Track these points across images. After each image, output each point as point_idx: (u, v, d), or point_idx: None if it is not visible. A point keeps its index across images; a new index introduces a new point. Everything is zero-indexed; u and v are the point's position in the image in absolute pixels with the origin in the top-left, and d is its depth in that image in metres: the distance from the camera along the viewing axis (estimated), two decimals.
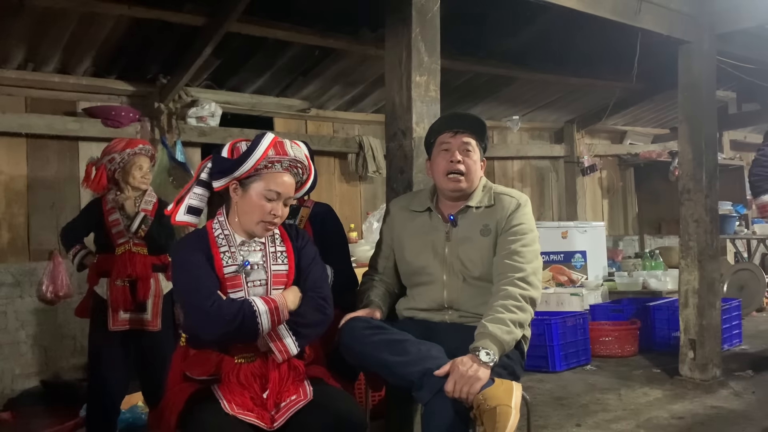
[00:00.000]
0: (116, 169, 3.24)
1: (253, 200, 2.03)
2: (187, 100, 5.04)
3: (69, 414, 3.70)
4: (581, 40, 5.36)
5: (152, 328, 3.22)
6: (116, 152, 3.23)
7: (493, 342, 2.01)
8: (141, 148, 3.28)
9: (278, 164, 2.04)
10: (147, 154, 3.31)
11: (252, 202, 2.03)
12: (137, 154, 3.26)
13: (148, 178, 3.33)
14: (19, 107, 4.58)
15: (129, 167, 3.24)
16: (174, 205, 2.09)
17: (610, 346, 4.99)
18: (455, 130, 2.34)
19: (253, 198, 2.03)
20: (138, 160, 3.26)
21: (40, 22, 4.02)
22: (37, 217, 4.62)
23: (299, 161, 2.09)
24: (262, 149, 2.00)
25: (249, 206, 2.04)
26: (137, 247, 3.23)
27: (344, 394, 2.04)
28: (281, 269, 2.10)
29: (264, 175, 2.03)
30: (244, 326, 1.92)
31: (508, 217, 2.27)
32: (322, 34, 4.73)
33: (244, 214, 2.05)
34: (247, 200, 2.04)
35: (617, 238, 8.35)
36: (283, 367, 2.00)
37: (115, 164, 3.23)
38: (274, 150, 2.02)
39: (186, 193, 2.09)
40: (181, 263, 2.05)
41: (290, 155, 2.05)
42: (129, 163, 3.24)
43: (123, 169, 3.24)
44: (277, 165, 2.04)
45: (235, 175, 2.02)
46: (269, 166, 2.03)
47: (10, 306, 4.43)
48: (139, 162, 3.26)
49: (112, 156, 3.23)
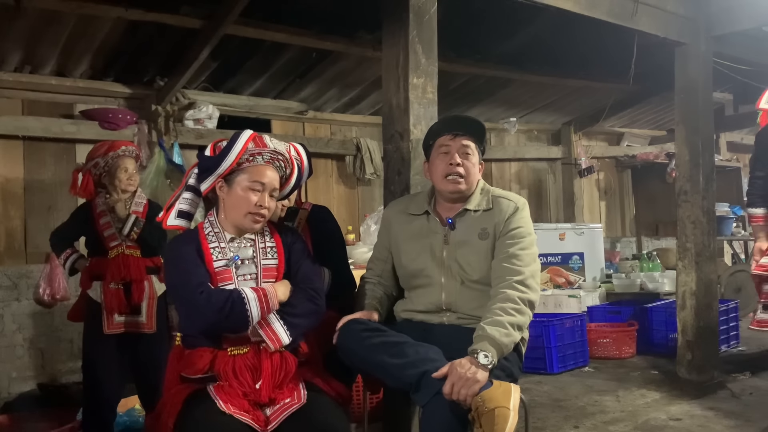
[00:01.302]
0: (101, 173, 3.24)
1: (238, 194, 2.08)
2: (184, 103, 5.03)
3: (66, 417, 3.68)
4: (578, 42, 5.36)
5: (147, 330, 3.21)
6: (99, 156, 3.22)
7: (492, 344, 2.01)
8: (124, 149, 3.26)
9: (259, 156, 2.09)
10: (131, 155, 3.29)
11: (238, 196, 2.08)
12: (121, 156, 3.24)
13: (135, 179, 3.31)
14: (16, 110, 4.57)
15: (114, 170, 3.23)
16: (164, 212, 2.13)
17: (608, 348, 4.99)
18: (455, 132, 2.34)
19: (239, 192, 2.08)
20: (122, 162, 3.24)
21: (37, 25, 4.02)
22: (34, 220, 4.61)
23: (280, 154, 2.14)
24: (242, 143, 2.06)
25: (236, 200, 2.08)
26: (130, 250, 3.23)
27: (334, 407, 2.04)
28: (271, 263, 2.13)
29: (247, 169, 2.09)
30: (234, 314, 1.95)
31: (506, 221, 2.27)
32: (319, 37, 4.73)
33: (231, 209, 2.09)
34: (234, 195, 2.08)
35: (615, 240, 8.36)
36: (275, 357, 2.02)
37: (99, 168, 3.23)
38: (254, 143, 2.08)
39: (176, 199, 2.13)
40: (171, 259, 2.10)
41: (270, 147, 2.11)
42: (114, 166, 3.23)
43: (108, 173, 3.23)
44: (259, 158, 2.09)
45: (219, 171, 2.07)
46: (251, 159, 2.08)
47: (6, 309, 4.42)
48: (123, 164, 3.24)
49: (96, 161, 3.22)
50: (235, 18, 4.10)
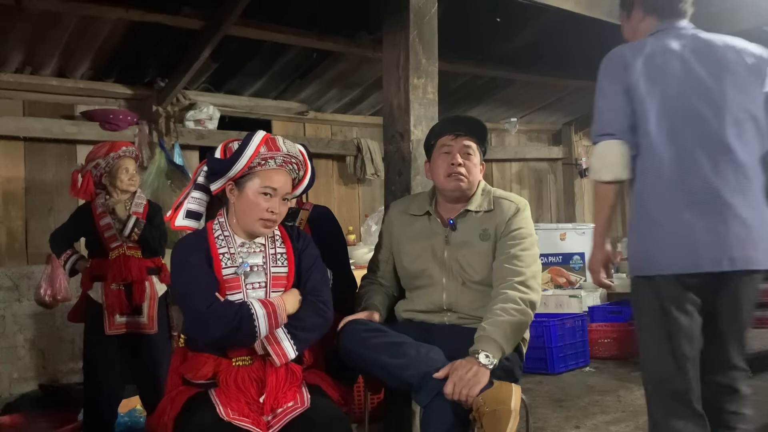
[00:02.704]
0: (102, 174, 3.23)
1: (249, 199, 2.01)
2: (185, 103, 5.04)
3: (67, 418, 3.69)
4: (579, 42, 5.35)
5: (149, 331, 3.21)
6: (100, 157, 3.21)
7: (493, 345, 2.01)
8: (124, 150, 3.26)
9: (272, 161, 2.02)
10: (131, 156, 3.29)
11: (249, 201, 2.01)
12: (122, 157, 3.23)
13: (136, 180, 3.31)
14: (16, 110, 4.58)
15: (115, 171, 3.23)
16: (172, 211, 2.07)
17: (609, 348, 4.99)
18: (457, 132, 2.33)
19: (250, 197, 2.01)
20: (123, 162, 3.24)
21: (38, 26, 4.02)
22: (35, 221, 4.61)
23: (293, 156, 2.07)
24: (254, 146, 1.98)
25: (246, 205, 2.02)
26: (131, 251, 3.23)
27: (335, 410, 2.00)
28: (281, 271, 2.08)
29: (258, 173, 2.01)
30: (242, 329, 1.91)
31: (507, 222, 2.27)
32: (320, 37, 4.73)
33: (242, 213, 2.04)
34: (244, 200, 2.02)
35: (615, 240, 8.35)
36: (280, 371, 1.98)
37: (100, 169, 3.22)
38: (266, 146, 2.00)
39: (184, 198, 2.08)
40: (179, 264, 2.03)
41: (283, 151, 2.03)
42: (114, 166, 3.22)
43: (109, 174, 3.23)
44: (271, 162, 2.02)
45: (229, 175, 2.01)
46: (263, 163, 2.01)
47: (8, 310, 4.43)
48: (124, 165, 3.24)
49: (96, 161, 3.21)
50: (235, 19, 4.10)
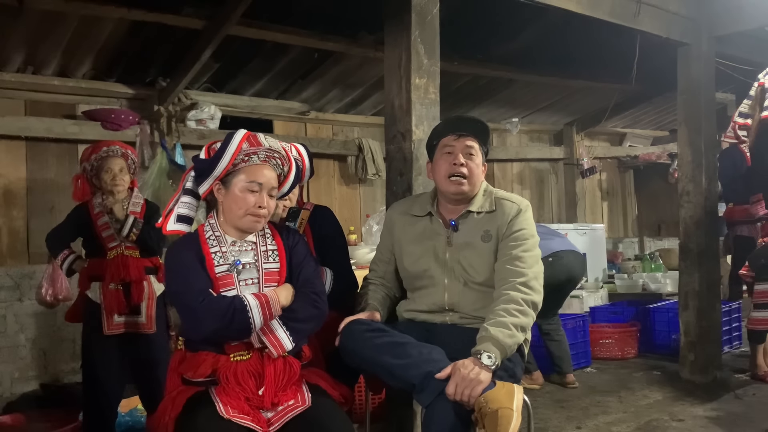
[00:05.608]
0: (90, 176, 3.24)
1: (236, 195, 2.05)
2: (186, 103, 5.04)
3: (68, 418, 3.68)
4: (580, 42, 5.36)
5: (147, 330, 3.20)
6: (85, 160, 3.22)
7: (495, 345, 2.01)
8: (106, 150, 3.21)
9: (255, 156, 2.06)
10: (116, 155, 3.23)
11: (236, 197, 2.05)
12: (104, 157, 3.21)
13: (122, 180, 3.24)
14: (18, 110, 4.58)
15: (98, 172, 3.22)
16: (163, 217, 2.10)
17: (610, 349, 4.99)
18: (459, 133, 2.33)
19: (237, 193, 2.05)
20: (105, 163, 3.20)
21: (40, 26, 4.02)
22: (37, 220, 4.61)
23: (276, 151, 2.10)
24: (236, 143, 2.02)
25: (234, 202, 2.05)
26: (129, 251, 3.22)
27: (337, 409, 2.02)
28: (273, 267, 2.11)
29: (243, 169, 2.05)
30: (236, 321, 1.93)
31: (509, 223, 2.27)
32: (322, 37, 4.74)
33: (230, 211, 2.07)
34: (232, 196, 2.05)
35: (617, 241, 8.36)
36: (278, 363, 2.00)
37: (88, 172, 3.24)
38: (248, 143, 2.04)
39: (174, 204, 2.11)
40: (172, 265, 2.07)
41: (265, 146, 2.06)
42: (98, 168, 3.21)
43: (96, 176, 3.23)
44: (254, 157, 2.06)
45: (215, 173, 2.04)
46: (246, 159, 2.05)
47: (9, 309, 4.43)
48: (106, 165, 3.20)
49: (83, 165, 3.23)
50: (237, 19, 4.10)
